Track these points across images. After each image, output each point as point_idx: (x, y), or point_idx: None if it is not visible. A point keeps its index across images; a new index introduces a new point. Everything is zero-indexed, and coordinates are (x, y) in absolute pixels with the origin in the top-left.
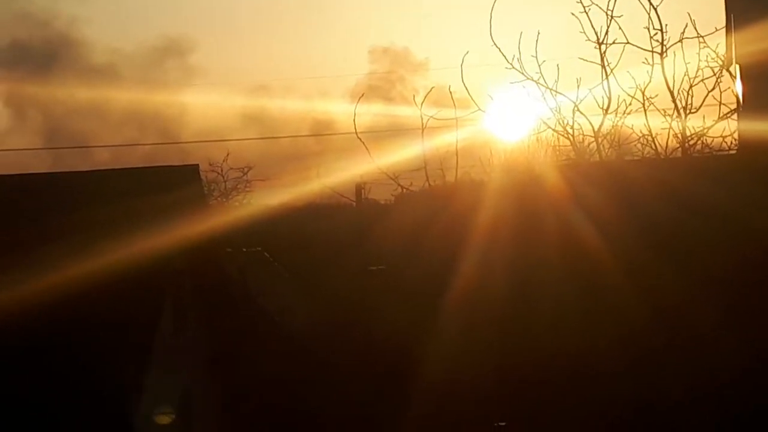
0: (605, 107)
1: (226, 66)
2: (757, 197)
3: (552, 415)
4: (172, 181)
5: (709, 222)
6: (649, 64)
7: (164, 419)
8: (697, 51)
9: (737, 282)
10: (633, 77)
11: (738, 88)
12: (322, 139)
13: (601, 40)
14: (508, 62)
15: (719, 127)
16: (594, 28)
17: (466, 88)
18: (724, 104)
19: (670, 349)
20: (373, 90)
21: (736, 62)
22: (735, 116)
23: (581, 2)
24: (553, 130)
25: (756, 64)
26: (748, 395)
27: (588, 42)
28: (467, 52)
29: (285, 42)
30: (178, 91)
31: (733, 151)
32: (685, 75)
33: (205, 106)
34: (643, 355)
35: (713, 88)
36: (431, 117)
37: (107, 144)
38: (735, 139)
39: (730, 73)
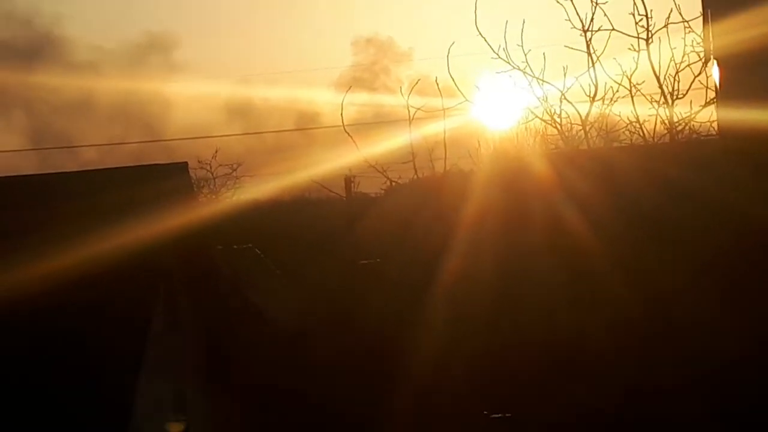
0: (592, 95)
1: (210, 61)
2: (740, 182)
3: (543, 404)
4: (161, 179)
5: (696, 207)
6: (635, 50)
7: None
8: (683, 36)
9: (726, 266)
10: (619, 64)
11: (716, 76)
12: (308, 132)
13: (586, 28)
14: (493, 51)
15: (706, 112)
16: (579, 16)
17: (453, 79)
18: (710, 89)
19: (661, 335)
20: (358, 81)
21: (714, 53)
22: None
23: None
24: (540, 119)
25: (732, 55)
26: (741, 380)
27: (573, 30)
28: (453, 43)
29: (268, 35)
30: (163, 88)
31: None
32: (671, 61)
33: (190, 102)
34: (634, 341)
35: (699, 74)
36: (418, 109)
37: (93, 143)
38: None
39: (705, 63)
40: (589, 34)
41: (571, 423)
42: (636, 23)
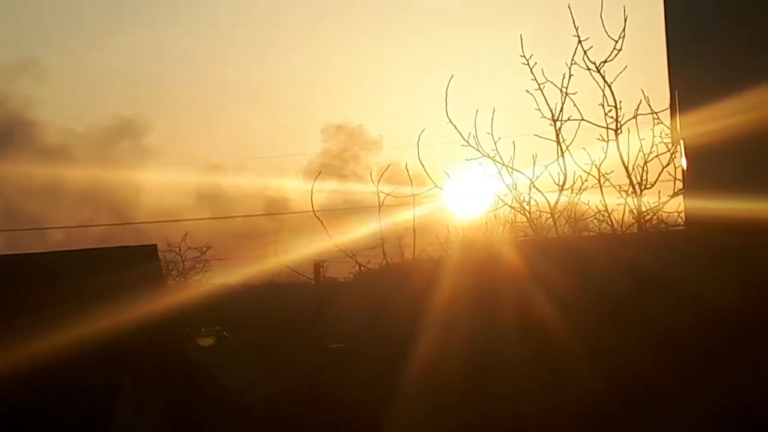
0: (561, 184)
1: (180, 146)
2: (705, 270)
3: None
4: (130, 262)
5: (663, 295)
6: (604, 140)
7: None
8: (652, 127)
9: (696, 355)
10: (588, 153)
11: (684, 165)
12: (277, 218)
13: (556, 117)
14: (463, 139)
15: (674, 202)
16: (549, 105)
17: (423, 165)
18: (678, 180)
19: (629, 418)
20: (327, 168)
21: (681, 141)
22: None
23: (536, 80)
24: (510, 206)
25: (698, 144)
26: None
27: (543, 119)
28: (423, 130)
29: (238, 121)
30: (133, 172)
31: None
32: (639, 151)
33: (160, 186)
34: (603, 425)
35: (668, 164)
36: (388, 194)
37: (61, 225)
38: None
39: (672, 152)
40: (558, 123)
41: None
42: (605, 114)
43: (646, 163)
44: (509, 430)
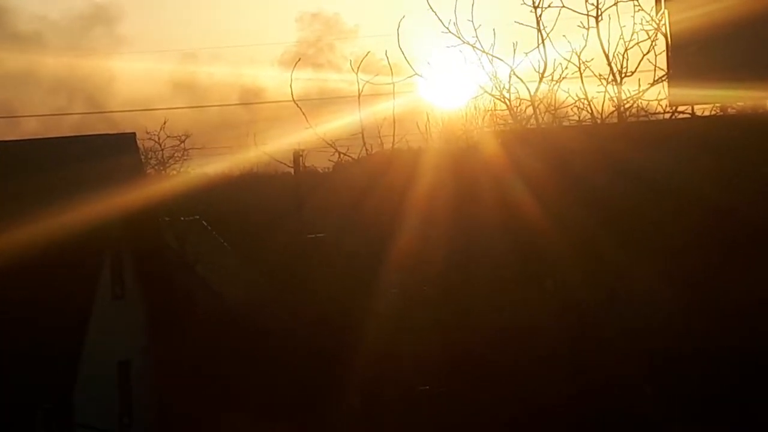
0: (541, 72)
1: (154, 34)
2: (688, 161)
3: (492, 375)
4: (109, 150)
5: (642, 185)
6: (584, 28)
7: None
8: (632, 14)
9: (670, 241)
10: (569, 41)
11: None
12: (253, 108)
13: (536, 4)
14: (444, 26)
15: (654, 90)
16: None
17: (402, 52)
18: (658, 68)
19: (606, 307)
20: (303, 57)
21: (667, 29)
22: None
23: None
24: (490, 94)
25: (684, 32)
26: (687, 349)
27: (524, 6)
28: (404, 16)
29: (213, 9)
30: (106, 60)
31: (667, 115)
32: (620, 39)
33: (134, 74)
34: (579, 313)
35: (648, 52)
36: (367, 82)
37: (35, 113)
38: (669, 104)
39: (666, 38)
40: (539, 10)
41: (512, 398)
42: (586, 1)
43: (626, 50)
44: (488, 318)
